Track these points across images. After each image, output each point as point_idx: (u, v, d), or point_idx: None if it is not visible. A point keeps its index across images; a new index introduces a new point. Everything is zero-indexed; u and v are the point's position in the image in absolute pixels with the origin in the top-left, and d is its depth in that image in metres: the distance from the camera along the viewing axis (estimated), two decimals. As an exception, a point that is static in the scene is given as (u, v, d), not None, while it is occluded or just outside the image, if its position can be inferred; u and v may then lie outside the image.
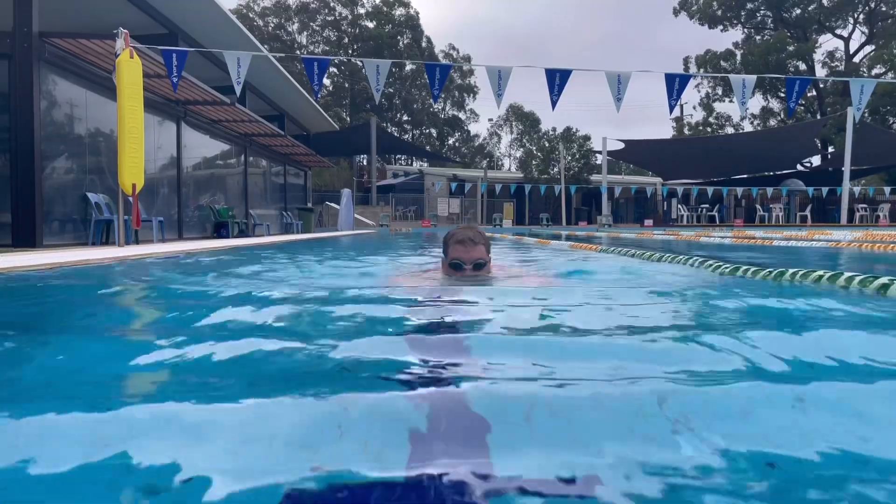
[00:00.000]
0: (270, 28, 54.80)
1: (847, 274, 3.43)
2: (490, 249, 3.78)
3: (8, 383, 1.58)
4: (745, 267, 4.24)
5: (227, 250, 9.32)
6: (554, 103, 10.99)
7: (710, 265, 4.70)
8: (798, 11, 47.79)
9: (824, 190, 31.31)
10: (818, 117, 43.40)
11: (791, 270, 3.78)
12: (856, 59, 47.59)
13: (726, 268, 4.39)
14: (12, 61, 9.76)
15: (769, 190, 34.32)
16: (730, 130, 52.63)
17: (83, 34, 10.07)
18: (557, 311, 2.55)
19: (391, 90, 56.73)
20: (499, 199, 39.09)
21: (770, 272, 3.85)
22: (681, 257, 5.45)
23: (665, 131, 79.08)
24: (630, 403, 1.24)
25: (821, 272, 3.60)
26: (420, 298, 2.89)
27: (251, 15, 53.31)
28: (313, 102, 23.76)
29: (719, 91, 51.34)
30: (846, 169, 28.74)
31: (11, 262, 5.58)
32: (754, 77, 12.19)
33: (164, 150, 14.32)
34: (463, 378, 1.45)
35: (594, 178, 42.28)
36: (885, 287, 3.06)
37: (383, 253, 9.05)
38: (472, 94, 62.35)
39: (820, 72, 47.94)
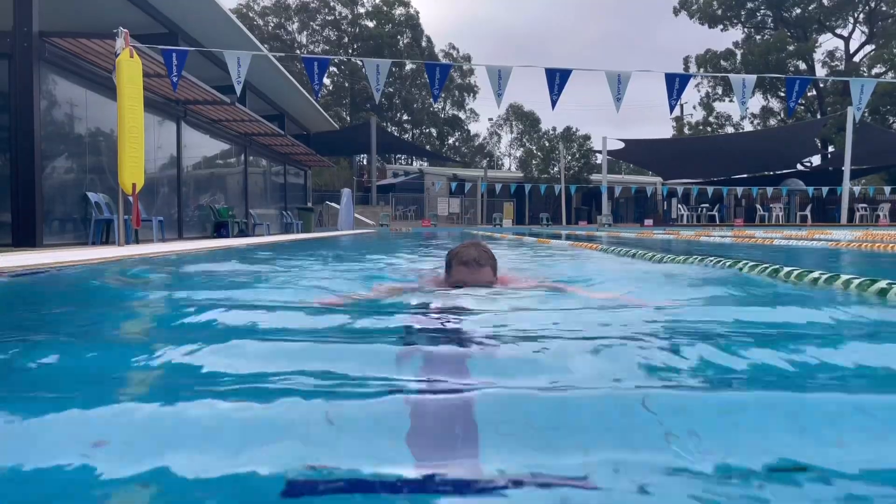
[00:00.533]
0: (270, 28, 54.79)
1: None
2: (497, 270, 3.46)
3: (5, 385, 1.58)
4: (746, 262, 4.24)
5: (226, 250, 9.32)
6: (554, 103, 10.99)
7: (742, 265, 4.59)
8: (798, 11, 47.77)
9: (824, 189, 31.30)
10: (818, 117, 43.39)
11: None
12: (856, 59, 47.58)
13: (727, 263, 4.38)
14: (12, 61, 9.75)
15: (769, 189, 34.31)
16: (730, 130, 52.62)
17: (83, 34, 10.06)
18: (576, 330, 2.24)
19: (391, 90, 56.74)
20: (499, 198, 39.09)
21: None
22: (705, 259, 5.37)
23: (665, 131, 79.10)
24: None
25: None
26: (419, 323, 2.40)
27: (251, 14, 53.31)
28: (313, 102, 23.76)
29: (719, 91, 51.34)
30: (846, 168, 28.74)
31: (11, 262, 5.58)
32: (754, 77, 12.19)
33: (164, 149, 14.32)
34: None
35: (594, 177, 42.28)
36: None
37: (382, 256, 8.99)
38: (472, 94, 62.34)
39: (820, 71, 47.93)
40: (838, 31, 48.31)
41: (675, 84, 11.13)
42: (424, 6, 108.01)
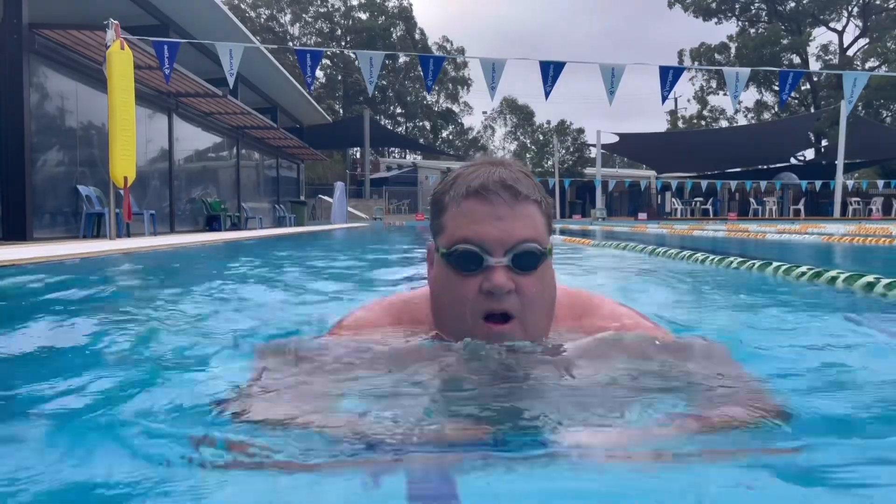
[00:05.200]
0: (262, 20, 54.49)
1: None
2: (552, 226, 1.49)
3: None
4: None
5: (216, 245, 9.28)
6: (547, 94, 10.96)
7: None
8: (792, 4, 47.78)
9: (818, 183, 31.37)
10: (812, 111, 43.48)
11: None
12: (849, 53, 47.66)
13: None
14: (2, 53, 9.66)
15: (763, 183, 34.37)
16: (724, 124, 52.68)
17: (73, 25, 9.98)
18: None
19: (384, 83, 56.55)
20: (493, 192, 38.98)
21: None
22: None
23: (659, 125, 79.19)
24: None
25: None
26: None
27: (243, 6, 52.97)
28: (306, 95, 23.65)
29: (713, 84, 51.35)
30: (839, 162, 28.78)
31: (2, 256, 5.53)
32: (748, 70, 12.19)
33: (155, 142, 14.23)
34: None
35: (588, 171, 42.30)
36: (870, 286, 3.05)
37: (364, 264, 8.79)
38: (465, 87, 62.19)
39: (814, 65, 47.99)
40: (832, 24, 48.34)
41: (669, 77, 11.11)
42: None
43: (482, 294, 1.33)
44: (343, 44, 55.34)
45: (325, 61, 53.44)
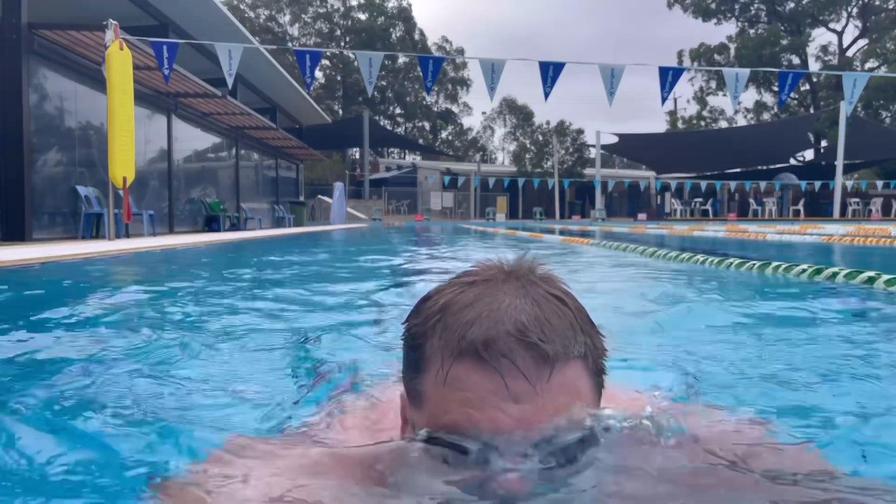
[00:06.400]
0: (262, 20, 54.45)
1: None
2: (604, 373, 0.85)
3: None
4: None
5: (214, 246, 9.26)
6: (547, 95, 10.95)
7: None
8: (791, 5, 47.77)
9: (817, 184, 31.38)
10: (811, 111, 43.49)
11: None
12: (849, 54, 47.65)
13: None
14: (1, 53, 9.64)
15: (762, 184, 34.39)
16: (723, 124, 52.66)
17: (72, 25, 9.96)
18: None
19: (384, 83, 56.49)
20: (492, 192, 39.04)
21: None
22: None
23: (659, 126, 79.18)
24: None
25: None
26: None
27: (242, 6, 52.93)
28: (305, 95, 23.62)
29: (713, 85, 51.32)
30: (839, 163, 28.78)
31: (1, 256, 5.51)
32: (747, 70, 12.19)
33: (154, 142, 14.21)
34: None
35: (588, 171, 42.28)
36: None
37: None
38: (465, 87, 62.13)
39: (813, 66, 47.97)
40: (832, 25, 48.33)
41: (669, 77, 11.11)
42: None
43: None
44: (342, 44, 55.32)
45: (325, 62, 53.43)
